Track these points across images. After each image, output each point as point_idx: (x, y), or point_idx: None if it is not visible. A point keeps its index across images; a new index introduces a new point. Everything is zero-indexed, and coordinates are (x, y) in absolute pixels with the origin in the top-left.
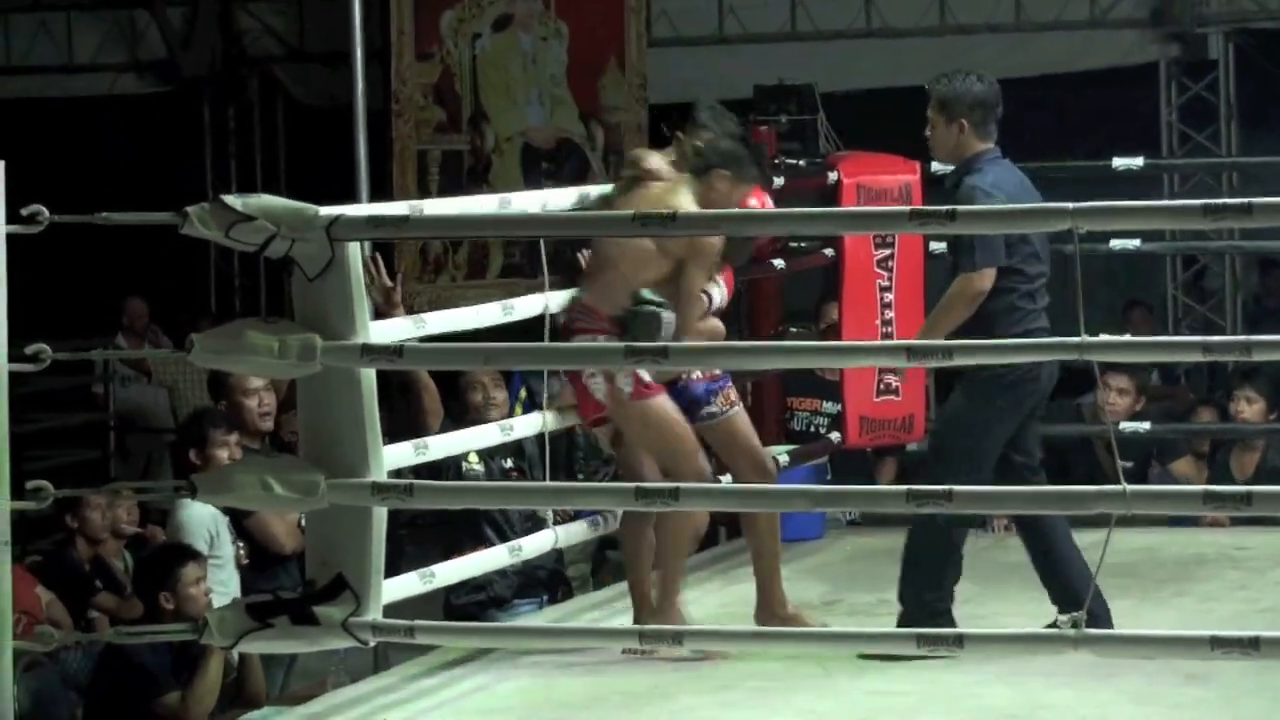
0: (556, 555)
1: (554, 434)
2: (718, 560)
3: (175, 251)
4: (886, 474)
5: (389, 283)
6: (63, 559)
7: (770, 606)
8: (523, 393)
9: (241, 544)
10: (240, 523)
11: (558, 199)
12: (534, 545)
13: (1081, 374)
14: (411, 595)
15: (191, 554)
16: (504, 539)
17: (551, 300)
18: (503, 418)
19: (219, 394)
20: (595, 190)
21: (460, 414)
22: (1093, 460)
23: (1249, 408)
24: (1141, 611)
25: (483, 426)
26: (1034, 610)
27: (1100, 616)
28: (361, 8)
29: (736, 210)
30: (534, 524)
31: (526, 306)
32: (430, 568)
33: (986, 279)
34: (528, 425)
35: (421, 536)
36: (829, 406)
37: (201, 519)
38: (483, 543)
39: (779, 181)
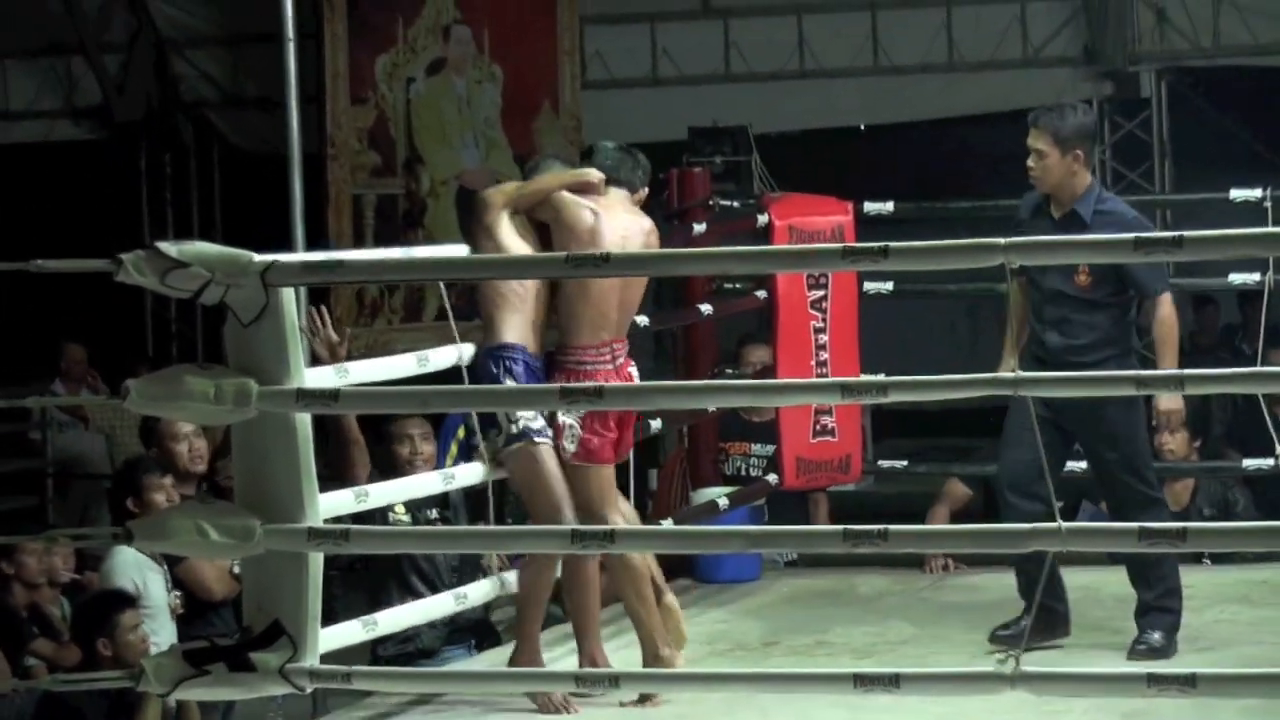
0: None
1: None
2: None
3: (112, 297)
4: (820, 512)
5: (334, 336)
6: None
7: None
8: (460, 431)
9: (178, 592)
10: (172, 570)
11: None
12: (479, 593)
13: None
14: (352, 643)
15: (130, 600)
16: (432, 588)
17: (465, 350)
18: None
19: (149, 440)
20: None
21: (386, 466)
22: None
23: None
24: (1080, 650)
25: (424, 475)
26: (974, 650)
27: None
28: (296, 53)
29: (669, 250)
30: (461, 574)
31: (440, 357)
32: (373, 615)
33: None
34: (469, 474)
35: (348, 584)
36: (759, 449)
37: (125, 566)
38: (410, 592)
39: (699, 229)
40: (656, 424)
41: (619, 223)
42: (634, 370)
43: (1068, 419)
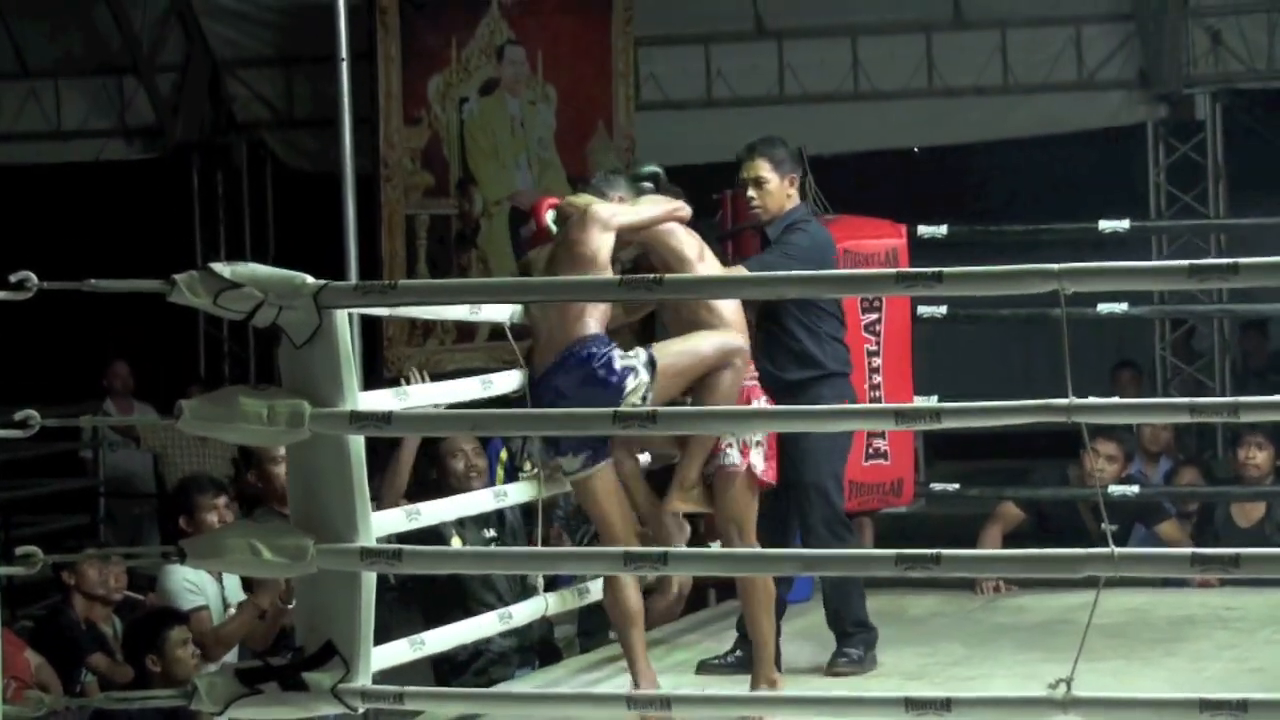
0: (544, 620)
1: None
2: (705, 623)
3: (164, 317)
4: (864, 535)
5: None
6: (58, 619)
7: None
8: (504, 454)
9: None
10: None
11: None
12: (525, 613)
13: (1069, 436)
14: (401, 662)
15: (180, 617)
16: (490, 608)
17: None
18: (483, 485)
19: (248, 462)
20: None
21: (441, 482)
22: (1078, 523)
23: (1259, 454)
24: (1131, 672)
25: (475, 493)
26: (1024, 672)
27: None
28: (349, 73)
29: (721, 274)
30: (524, 592)
31: (505, 382)
32: (420, 635)
33: None
34: (520, 493)
35: (403, 603)
36: None
37: (179, 576)
38: (470, 613)
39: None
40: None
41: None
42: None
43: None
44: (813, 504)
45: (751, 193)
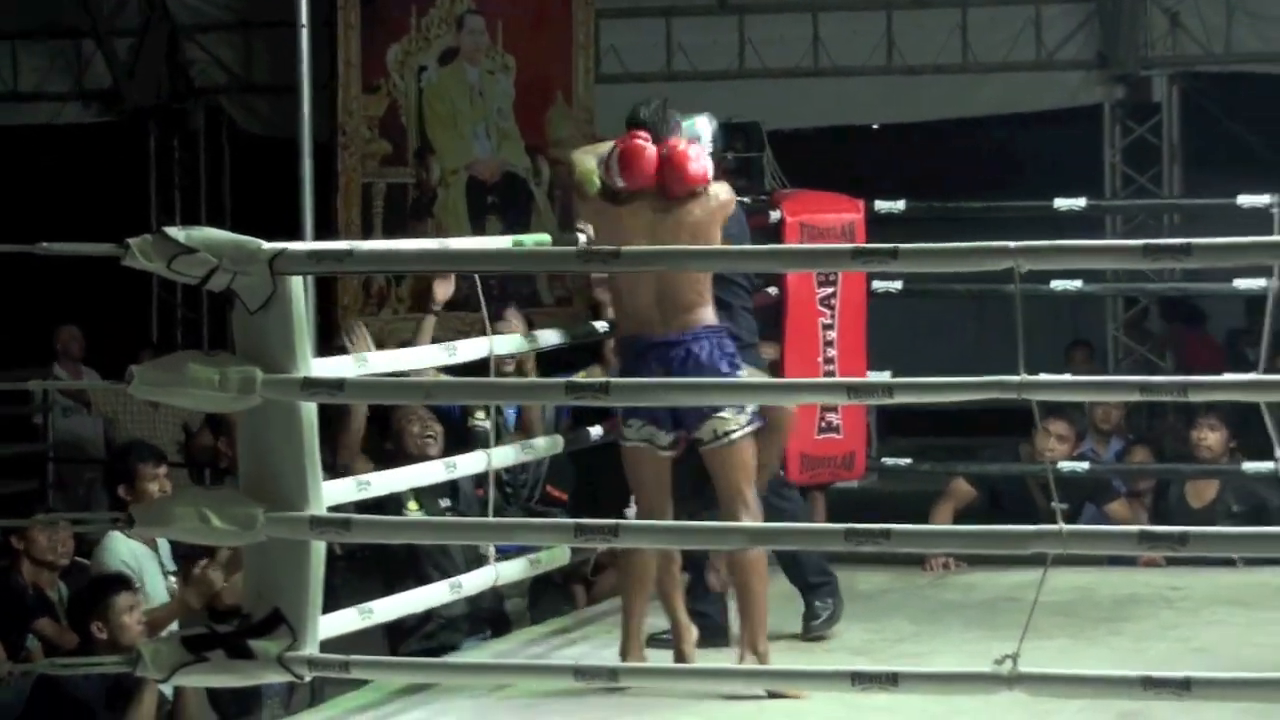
0: (494, 592)
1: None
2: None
3: (117, 281)
4: (816, 509)
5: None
6: (5, 583)
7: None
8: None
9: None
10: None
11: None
12: (475, 583)
13: (1022, 414)
14: (349, 631)
15: (125, 583)
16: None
17: (496, 343)
18: (442, 452)
19: (218, 430)
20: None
21: (397, 449)
22: (1029, 501)
23: (1211, 435)
24: (1076, 651)
25: (425, 464)
26: (971, 648)
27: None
28: (308, 40)
29: (680, 247)
30: (477, 563)
31: (470, 349)
32: (369, 604)
33: None
34: (469, 463)
35: (355, 572)
36: None
37: (118, 551)
38: (426, 581)
39: None
40: None
41: None
42: None
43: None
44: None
45: None
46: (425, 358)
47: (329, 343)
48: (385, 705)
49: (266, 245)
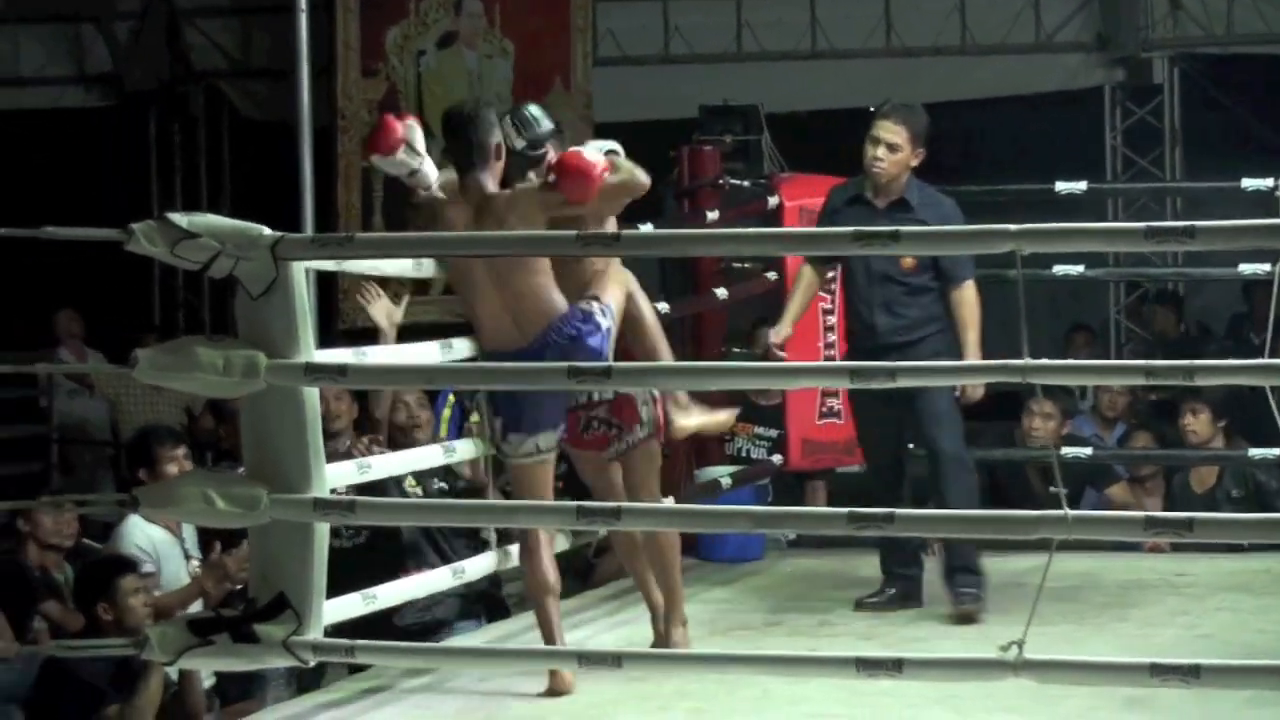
0: (491, 576)
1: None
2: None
3: (119, 266)
4: (817, 497)
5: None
6: (12, 565)
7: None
8: (449, 404)
9: (197, 560)
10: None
11: None
12: (477, 567)
13: (1012, 397)
14: (353, 616)
15: (130, 565)
16: (446, 561)
17: None
18: (429, 438)
19: (220, 416)
20: None
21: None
22: (1025, 484)
23: (1194, 419)
24: (1081, 637)
25: (427, 448)
26: (974, 634)
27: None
28: (307, 24)
29: (680, 231)
30: (476, 548)
31: (464, 346)
32: (372, 589)
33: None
34: (468, 448)
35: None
36: (764, 430)
37: (131, 540)
38: (426, 565)
39: (712, 215)
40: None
41: None
42: None
43: (898, 402)
44: (954, 474)
45: (879, 153)
46: (421, 354)
47: (330, 329)
48: (389, 689)
49: (269, 232)
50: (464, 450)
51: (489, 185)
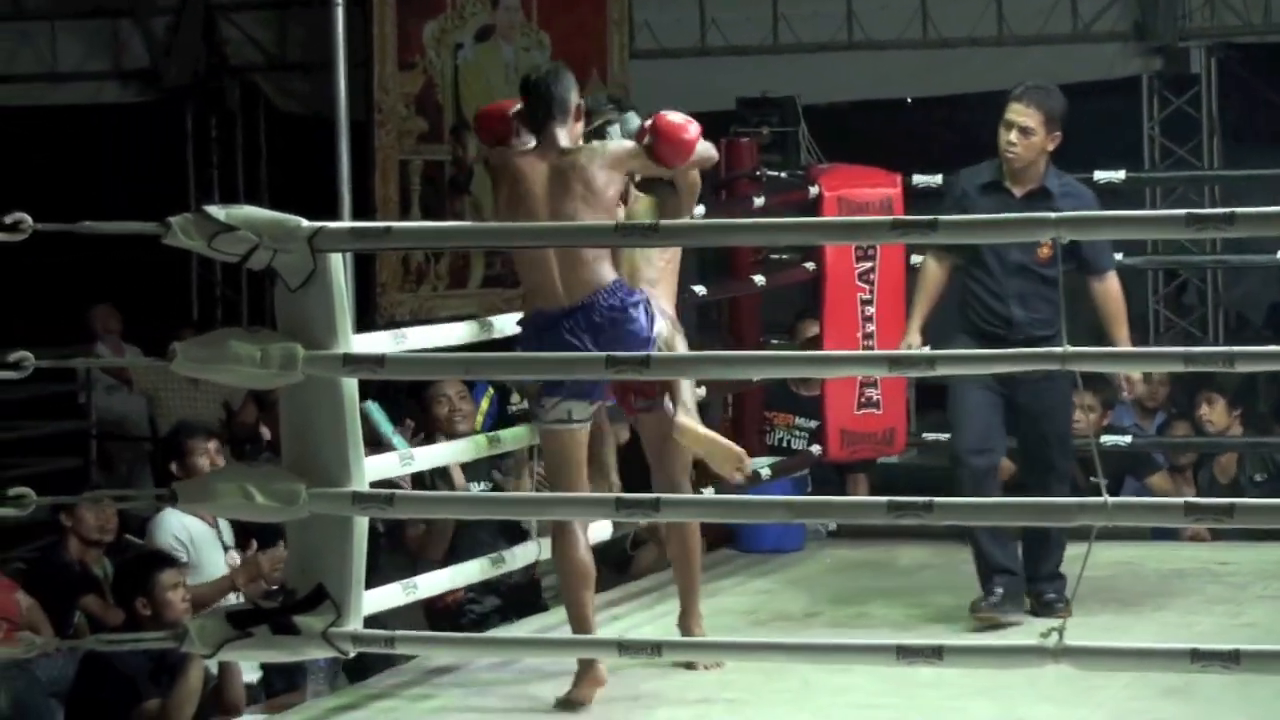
0: (529, 566)
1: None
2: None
3: (157, 261)
4: (859, 490)
5: None
6: (53, 560)
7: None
8: (484, 403)
9: (235, 553)
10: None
11: None
12: (519, 557)
13: None
14: (393, 606)
15: (169, 560)
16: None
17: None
18: (471, 430)
19: (262, 407)
20: None
21: (428, 428)
22: None
23: (1210, 408)
24: (1122, 625)
25: (472, 438)
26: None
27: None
28: (344, 18)
29: (717, 220)
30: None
31: (505, 324)
32: (413, 579)
33: None
34: (513, 438)
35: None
36: (803, 421)
37: (168, 530)
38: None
39: (758, 202)
40: (701, 391)
41: None
42: None
43: (1020, 392)
44: (1052, 456)
45: (1013, 137)
46: (458, 333)
47: (368, 321)
48: (423, 683)
49: (306, 223)
50: (510, 439)
51: (565, 141)
